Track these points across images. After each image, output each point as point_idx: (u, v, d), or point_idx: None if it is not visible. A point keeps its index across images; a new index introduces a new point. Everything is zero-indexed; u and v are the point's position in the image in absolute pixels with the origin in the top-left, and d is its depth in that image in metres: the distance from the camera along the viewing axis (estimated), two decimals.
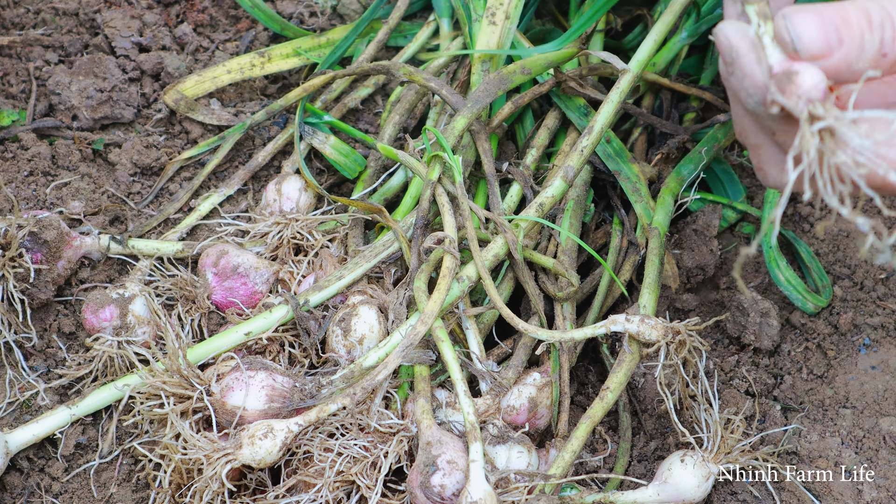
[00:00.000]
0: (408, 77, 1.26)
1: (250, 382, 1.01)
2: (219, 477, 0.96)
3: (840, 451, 1.10)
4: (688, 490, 1.03)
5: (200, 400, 1.03)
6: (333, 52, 1.38)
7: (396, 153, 1.17)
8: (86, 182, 1.30)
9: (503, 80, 1.21)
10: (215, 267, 1.17)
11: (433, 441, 0.99)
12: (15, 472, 1.09)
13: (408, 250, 1.13)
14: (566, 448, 1.03)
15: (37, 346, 1.18)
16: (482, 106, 1.18)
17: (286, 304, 1.10)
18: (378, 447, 1.01)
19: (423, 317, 1.03)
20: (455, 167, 1.12)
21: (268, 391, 1.01)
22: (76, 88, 1.35)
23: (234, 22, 1.48)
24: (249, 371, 1.01)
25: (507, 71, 1.21)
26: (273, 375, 1.02)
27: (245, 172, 1.31)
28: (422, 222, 1.12)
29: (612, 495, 1.04)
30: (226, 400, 1.01)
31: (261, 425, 0.97)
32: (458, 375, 1.01)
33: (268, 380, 1.01)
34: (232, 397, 1.01)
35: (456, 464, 0.97)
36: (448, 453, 0.97)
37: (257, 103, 1.39)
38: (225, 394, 1.01)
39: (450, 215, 1.10)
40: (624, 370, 1.07)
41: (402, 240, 1.14)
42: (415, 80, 1.25)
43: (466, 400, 1.00)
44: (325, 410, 0.99)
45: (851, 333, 1.19)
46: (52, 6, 1.45)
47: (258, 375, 1.01)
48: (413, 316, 1.06)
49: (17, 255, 1.13)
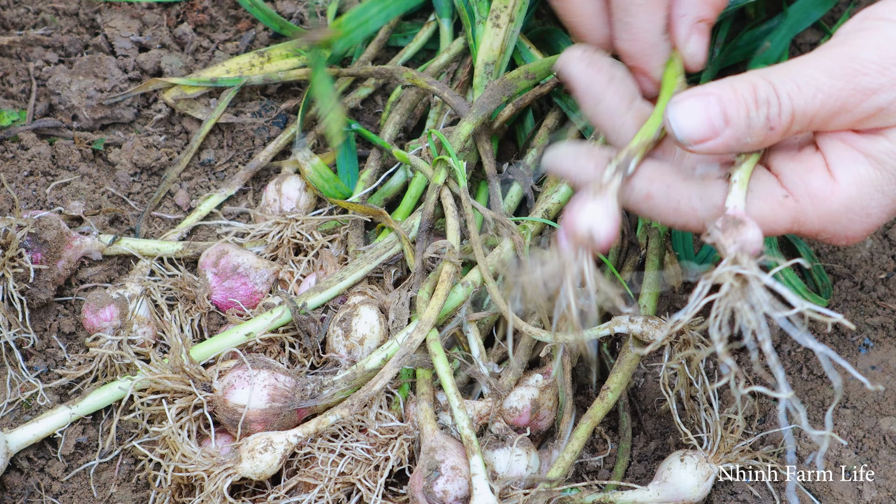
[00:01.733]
0: (411, 81, 1.26)
1: (253, 381, 1.01)
2: (220, 492, 0.96)
3: (840, 451, 1.10)
4: (688, 490, 1.03)
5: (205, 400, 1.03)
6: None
7: (408, 156, 1.18)
8: (86, 182, 1.30)
9: (507, 86, 1.21)
10: (215, 267, 1.17)
11: (436, 447, 0.99)
12: (15, 471, 1.09)
13: (410, 252, 1.13)
14: (567, 448, 1.03)
15: (37, 346, 1.18)
16: (487, 112, 1.19)
17: (286, 304, 1.10)
18: (380, 450, 1.01)
19: (420, 324, 1.03)
20: (460, 172, 1.12)
21: (270, 390, 1.01)
22: (76, 88, 1.35)
23: (234, 22, 1.48)
24: (252, 370, 1.01)
25: (510, 77, 1.22)
26: (275, 374, 1.02)
27: (246, 172, 1.31)
28: (426, 226, 1.12)
29: (611, 495, 1.04)
30: (227, 398, 1.01)
31: (260, 438, 0.97)
32: (451, 390, 1.01)
33: (270, 379, 1.01)
34: (234, 395, 1.01)
35: (459, 470, 0.97)
36: (451, 459, 0.97)
37: (257, 103, 1.39)
38: (227, 391, 1.01)
39: (453, 218, 1.10)
40: (624, 370, 1.07)
41: (404, 241, 1.14)
42: (418, 84, 1.25)
43: (461, 413, 1.01)
44: (323, 423, 1.00)
45: (851, 333, 1.19)
46: (52, 6, 1.45)
47: (261, 374, 1.01)
48: (412, 323, 1.06)
49: (17, 255, 1.13)
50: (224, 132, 1.37)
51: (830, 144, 0.87)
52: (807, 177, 0.86)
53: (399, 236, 1.14)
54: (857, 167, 0.85)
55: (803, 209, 0.86)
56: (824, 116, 0.84)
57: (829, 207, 0.85)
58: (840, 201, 0.85)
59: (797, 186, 0.86)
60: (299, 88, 1.43)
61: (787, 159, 0.88)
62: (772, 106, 0.83)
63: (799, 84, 0.83)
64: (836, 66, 0.83)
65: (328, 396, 1.02)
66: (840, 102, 0.83)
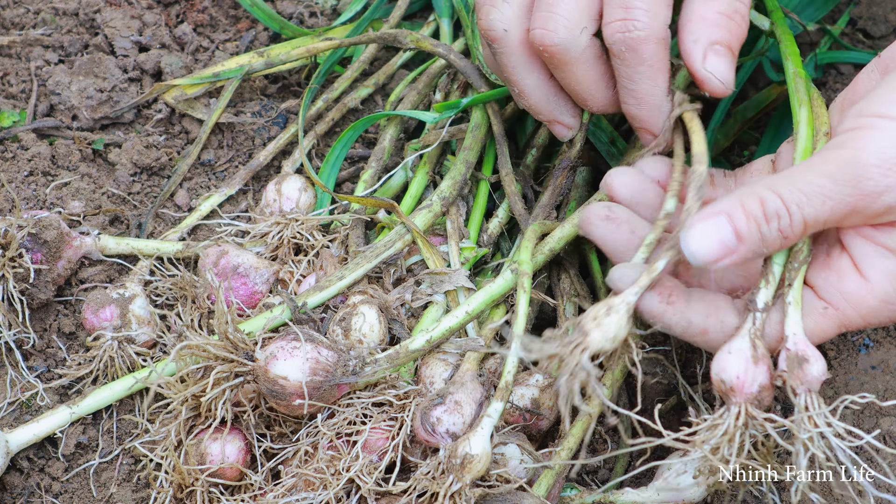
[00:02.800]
0: (415, 44, 1.28)
1: (295, 353, 0.98)
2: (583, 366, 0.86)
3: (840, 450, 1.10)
4: (687, 490, 1.03)
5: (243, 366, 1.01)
6: (334, 51, 1.38)
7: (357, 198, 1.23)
8: (86, 182, 1.30)
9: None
10: (215, 267, 1.17)
11: (458, 381, 0.99)
12: (15, 471, 1.09)
13: (424, 244, 1.13)
14: (563, 445, 1.03)
15: (37, 346, 1.18)
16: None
17: (286, 304, 1.10)
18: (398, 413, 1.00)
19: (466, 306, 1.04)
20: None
21: (312, 364, 0.98)
22: (76, 88, 1.35)
23: (234, 22, 1.48)
24: (295, 342, 0.99)
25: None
26: (318, 348, 0.99)
27: (246, 172, 1.31)
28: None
29: (611, 495, 1.04)
30: (269, 368, 0.98)
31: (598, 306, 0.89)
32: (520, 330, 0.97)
33: (313, 352, 0.99)
34: (276, 366, 0.98)
35: (461, 407, 0.96)
36: (461, 395, 0.97)
37: (257, 103, 1.39)
38: (269, 362, 0.98)
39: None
40: (620, 366, 1.07)
41: (416, 234, 1.13)
42: (422, 47, 1.28)
43: (513, 359, 0.96)
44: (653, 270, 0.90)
45: (851, 333, 1.19)
46: (52, 6, 1.45)
47: (304, 346, 0.99)
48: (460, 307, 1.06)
49: (17, 255, 1.13)
50: (224, 132, 1.37)
51: (854, 243, 0.90)
52: (840, 284, 0.89)
53: (409, 228, 1.14)
54: (885, 262, 0.89)
55: (846, 314, 0.89)
56: (837, 219, 0.87)
57: (869, 305, 0.89)
58: (876, 298, 0.89)
59: (834, 296, 0.90)
60: (299, 88, 1.43)
61: (819, 269, 0.91)
62: (782, 219, 0.86)
63: (807, 193, 0.85)
64: (840, 173, 0.85)
65: (369, 374, 1.01)
66: (849, 207, 0.86)
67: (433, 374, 1.04)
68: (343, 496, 1.00)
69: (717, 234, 0.85)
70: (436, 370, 1.04)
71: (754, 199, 0.86)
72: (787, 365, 0.86)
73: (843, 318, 0.90)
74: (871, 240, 0.89)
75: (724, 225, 0.86)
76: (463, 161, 1.20)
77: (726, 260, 0.86)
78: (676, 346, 1.18)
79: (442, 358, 1.05)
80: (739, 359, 0.87)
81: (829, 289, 0.90)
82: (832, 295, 0.90)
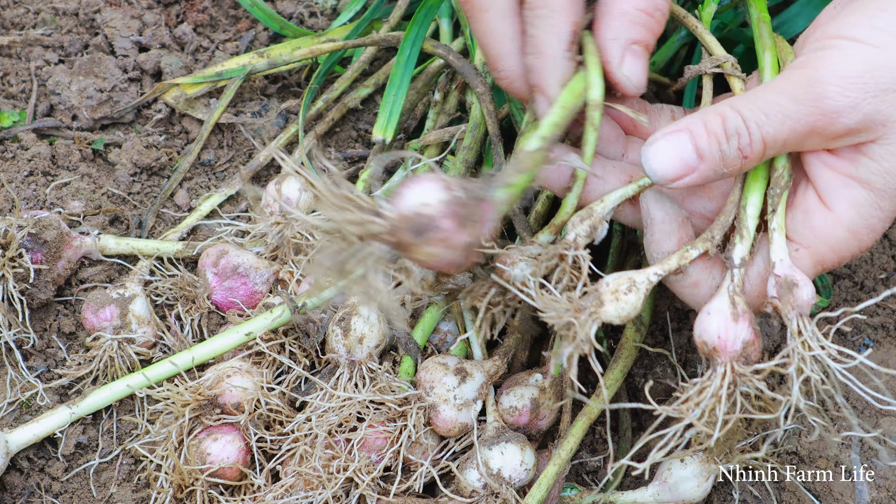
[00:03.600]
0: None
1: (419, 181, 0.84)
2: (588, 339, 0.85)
3: (840, 450, 1.10)
4: (687, 490, 1.03)
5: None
6: (334, 51, 1.38)
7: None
8: (86, 182, 1.30)
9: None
10: (215, 267, 1.17)
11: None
12: (15, 471, 1.09)
13: None
14: (562, 445, 1.03)
15: (37, 346, 1.18)
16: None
17: (286, 304, 1.10)
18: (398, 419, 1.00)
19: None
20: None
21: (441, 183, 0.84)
22: (76, 88, 1.35)
23: (234, 22, 1.48)
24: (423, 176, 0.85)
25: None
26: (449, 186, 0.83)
27: (246, 172, 1.31)
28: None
29: (611, 495, 1.04)
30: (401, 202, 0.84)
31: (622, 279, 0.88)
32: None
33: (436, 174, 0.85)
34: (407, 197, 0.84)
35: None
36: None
37: (257, 103, 1.39)
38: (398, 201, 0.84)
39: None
40: (620, 367, 1.07)
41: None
42: (422, 47, 1.27)
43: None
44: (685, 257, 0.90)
45: (851, 333, 1.19)
46: (52, 6, 1.45)
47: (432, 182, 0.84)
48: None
49: (17, 255, 1.13)
50: (224, 132, 1.37)
51: (819, 174, 0.89)
52: (808, 220, 0.89)
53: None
54: (849, 192, 0.88)
55: (818, 251, 0.88)
56: (796, 140, 0.86)
57: (838, 237, 0.88)
58: (844, 227, 0.88)
59: (804, 235, 0.89)
60: (299, 89, 1.43)
61: (787, 211, 0.90)
62: (742, 136, 0.85)
63: (766, 112, 0.85)
64: (799, 92, 0.85)
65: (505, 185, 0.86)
66: (808, 127, 0.85)
67: (432, 379, 1.04)
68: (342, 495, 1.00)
69: (677, 150, 0.85)
70: (435, 375, 1.04)
71: (715, 117, 0.85)
72: (777, 291, 0.85)
73: (816, 256, 0.88)
74: (835, 169, 0.88)
75: (686, 142, 0.85)
76: (462, 161, 1.20)
77: (686, 178, 0.85)
78: (676, 347, 1.18)
79: (441, 362, 1.05)
80: (719, 318, 0.86)
81: (797, 228, 0.89)
82: (802, 235, 0.89)
